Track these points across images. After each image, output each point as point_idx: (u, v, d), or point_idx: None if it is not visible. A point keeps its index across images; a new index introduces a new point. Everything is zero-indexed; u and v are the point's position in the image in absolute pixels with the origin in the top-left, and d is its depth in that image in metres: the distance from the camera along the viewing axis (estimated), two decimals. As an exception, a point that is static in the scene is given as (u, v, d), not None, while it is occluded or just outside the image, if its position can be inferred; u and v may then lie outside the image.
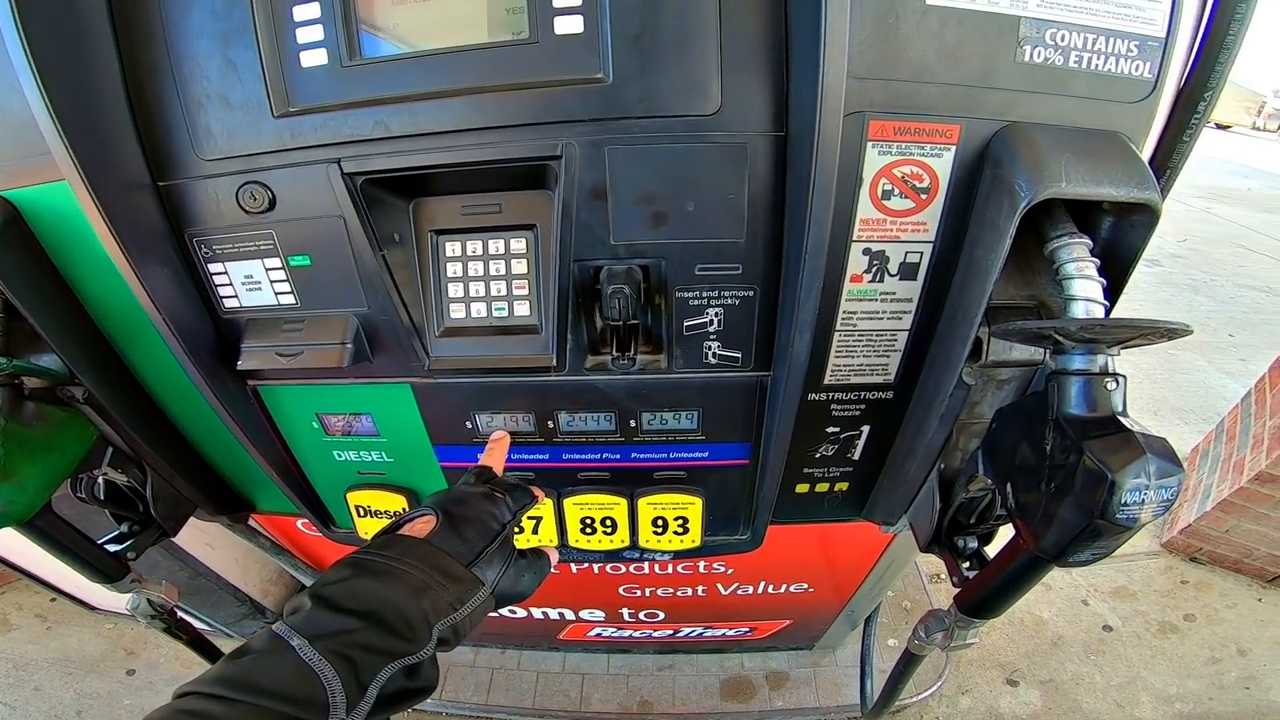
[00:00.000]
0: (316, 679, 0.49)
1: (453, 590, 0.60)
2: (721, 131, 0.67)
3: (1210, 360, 3.99)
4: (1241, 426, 2.41)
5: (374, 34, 0.66)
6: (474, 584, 0.62)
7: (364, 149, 0.69)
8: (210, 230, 0.76)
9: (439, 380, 0.84)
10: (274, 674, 0.49)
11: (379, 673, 0.52)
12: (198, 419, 0.96)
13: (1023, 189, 0.60)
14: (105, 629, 2.20)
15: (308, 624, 0.52)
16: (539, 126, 0.67)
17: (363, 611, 0.54)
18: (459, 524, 0.65)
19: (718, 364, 0.80)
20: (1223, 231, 6.80)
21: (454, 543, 0.63)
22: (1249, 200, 8.48)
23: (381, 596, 0.56)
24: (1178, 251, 5.99)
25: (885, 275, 0.73)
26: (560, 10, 0.63)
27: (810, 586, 1.49)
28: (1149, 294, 5.02)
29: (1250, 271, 5.64)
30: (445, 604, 0.59)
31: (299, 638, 0.51)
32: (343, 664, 0.50)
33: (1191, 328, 0.59)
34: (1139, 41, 0.62)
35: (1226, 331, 4.43)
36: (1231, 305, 4.93)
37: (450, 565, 0.61)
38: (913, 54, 0.62)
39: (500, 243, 0.76)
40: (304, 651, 0.50)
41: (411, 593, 0.57)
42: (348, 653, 0.51)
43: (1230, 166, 11.15)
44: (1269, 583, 2.38)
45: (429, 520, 0.65)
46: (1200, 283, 5.32)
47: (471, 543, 0.64)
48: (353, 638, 0.52)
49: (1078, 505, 0.59)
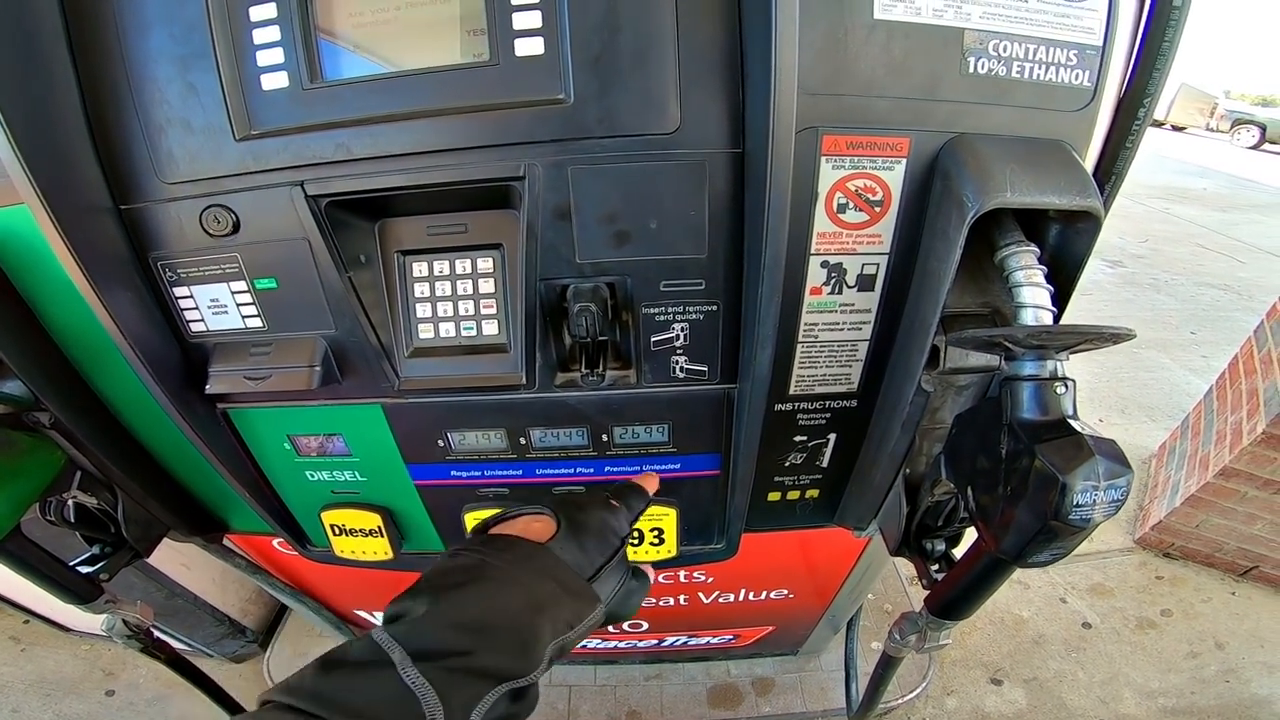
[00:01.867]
0: (417, 703, 0.44)
1: (571, 607, 0.55)
2: (681, 150, 0.67)
3: (1174, 358, 4.07)
4: (1205, 423, 2.46)
5: (336, 56, 0.66)
6: (592, 601, 0.57)
7: (327, 171, 0.68)
8: (174, 254, 0.74)
9: (409, 400, 0.83)
10: (369, 693, 0.44)
11: (485, 697, 0.47)
12: (168, 442, 0.94)
13: (970, 200, 0.61)
14: (82, 650, 2.14)
15: (414, 636, 0.47)
16: (501, 148, 0.67)
17: (477, 628, 0.49)
18: (580, 533, 0.60)
19: (685, 378, 0.81)
20: (1181, 231, 6.96)
21: (575, 553, 0.58)
22: (1205, 200, 8.70)
23: (497, 611, 0.51)
24: (1139, 252, 6.12)
25: (844, 287, 0.73)
26: (521, 32, 0.63)
27: (790, 593, 1.49)
28: (1113, 294, 5.11)
29: (1209, 270, 5.77)
30: (563, 622, 0.54)
31: (400, 651, 0.46)
32: (448, 687, 0.45)
33: (1134, 332, 0.60)
34: (1078, 50, 0.63)
35: (1188, 329, 4.52)
36: (1192, 303, 5.03)
37: (570, 579, 0.56)
38: (863, 68, 0.63)
39: (467, 262, 0.76)
40: (406, 671, 0.45)
41: (531, 609, 0.52)
42: (455, 676, 0.46)
43: (1186, 167, 11.44)
44: (1241, 576, 2.41)
45: (547, 523, 0.61)
46: (1162, 282, 5.42)
47: (591, 555, 0.60)
48: (461, 660, 0.47)
49: (1032, 507, 0.59)
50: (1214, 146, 15.16)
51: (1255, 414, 2.08)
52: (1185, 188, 9.47)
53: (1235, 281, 5.52)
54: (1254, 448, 2.04)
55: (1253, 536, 2.28)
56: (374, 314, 0.77)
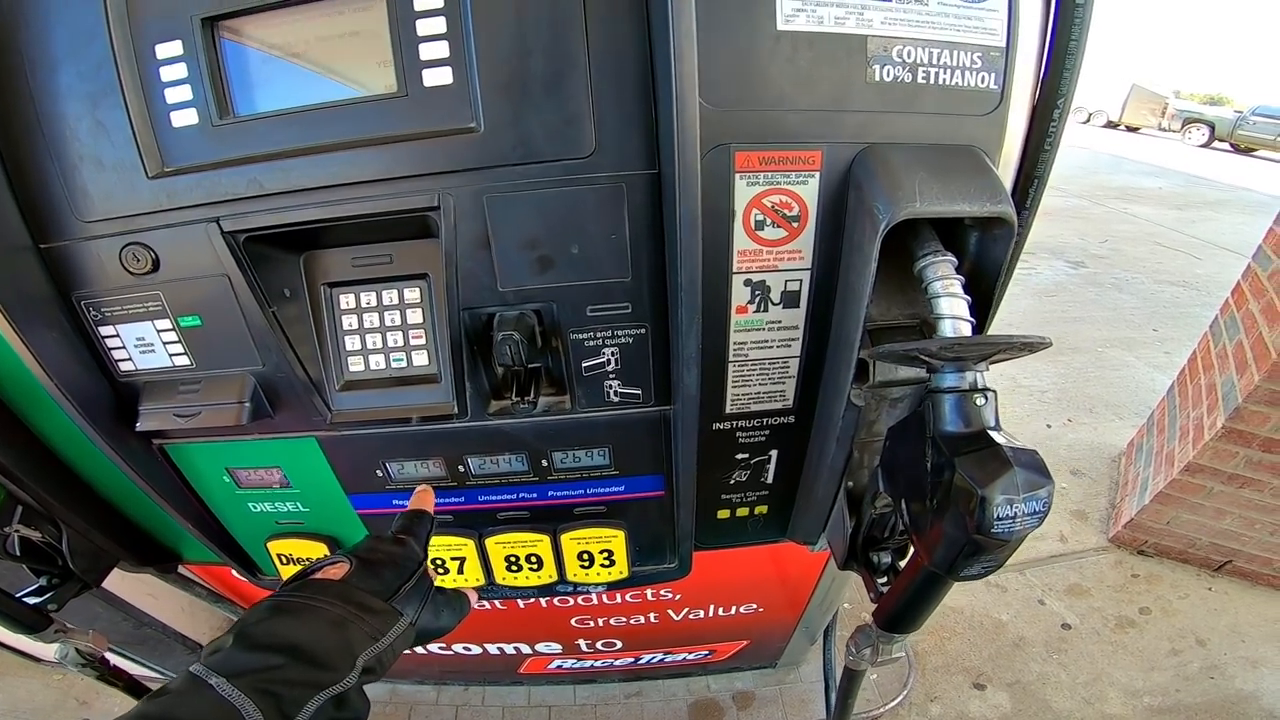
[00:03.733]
0: (237, 713, 0.46)
1: (372, 622, 0.58)
2: (598, 173, 0.65)
3: (1137, 355, 4.07)
4: (1169, 419, 2.44)
5: (248, 91, 0.64)
6: (392, 615, 0.61)
7: (241, 207, 0.66)
8: (97, 293, 0.72)
9: (344, 433, 0.80)
10: (193, 712, 0.46)
11: (305, 705, 0.50)
12: (109, 477, 0.91)
13: (881, 211, 0.59)
14: (54, 680, 2.06)
15: (227, 662, 0.50)
16: (414, 179, 0.65)
17: (283, 647, 0.52)
18: (374, 566, 0.63)
19: (620, 401, 0.78)
20: (1140, 230, 6.99)
21: (370, 582, 0.62)
22: (1161, 199, 8.75)
23: (301, 632, 0.54)
24: (1100, 252, 6.13)
25: (769, 305, 0.72)
26: (428, 63, 0.61)
27: (760, 606, 1.45)
28: (1076, 294, 5.09)
29: (1167, 268, 5.79)
30: (366, 635, 0.57)
31: (217, 676, 0.48)
32: (265, 699, 0.48)
33: (1050, 340, 0.58)
34: (981, 52, 0.62)
35: (1150, 326, 4.52)
36: (1152, 301, 5.03)
37: (368, 600, 0.60)
38: (770, 82, 0.61)
39: (394, 293, 0.74)
40: (223, 688, 0.47)
41: (331, 627, 0.55)
42: (270, 688, 0.49)
43: (1142, 167, 11.51)
44: (1216, 571, 2.37)
45: (342, 566, 0.63)
46: (1123, 281, 5.42)
47: (388, 581, 0.63)
48: (274, 674, 0.50)
49: (956, 521, 0.57)
50: (1167, 146, 15.17)
51: (1215, 409, 2.06)
52: (1142, 187, 9.52)
53: (1193, 278, 5.53)
54: (1215, 443, 2.02)
55: (1224, 531, 2.24)
56: (302, 348, 0.74)
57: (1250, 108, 15.38)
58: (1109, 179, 9.99)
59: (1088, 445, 3.06)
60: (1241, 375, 1.97)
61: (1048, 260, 5.80)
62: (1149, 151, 13.95)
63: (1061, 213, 7.41)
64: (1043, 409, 3.44)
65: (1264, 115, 14.86)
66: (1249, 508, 2.13)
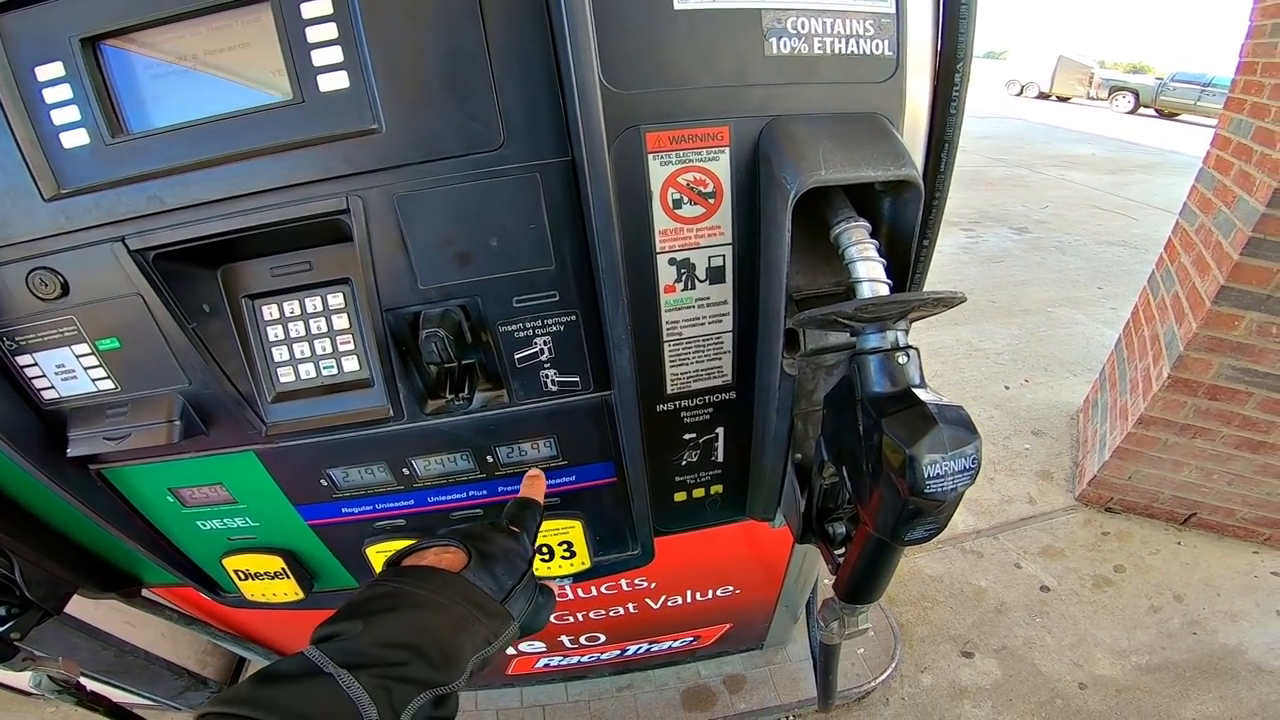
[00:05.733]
0: (356, 711, 0.46)
1: (489, 625, 0.59)
2: (509, 165, 0.63)
3: (1086, 314, 4.12)
4: (1119, 373, 2.47)
5: (140, 107, 0.61)
6: (506, 619, 0.61)
7: (145, 224, 0.63)
8: (9, 321, 0.68)
9: (281, 444, 0.77)
10: (308, 698, 0.47)
11: (412, 701, 0.50)
12: (51, 505, 0.87)
13: (789, 181, 0.57)
14: (48, 713, 1.98)
15: (351, 653, 0.50)
16: (320, 184, 0.62)
17: (409, 644, 0.52)
18: (489, 561, 0.63)
19: (559, 390, 0.76)
20: (1078, 195, 7.11)
21: (486, 579, 0.62)
22: (1095, 165, 8.94)
23: (427, 631, 0.54)
24: (1042, 218, 6.23)
25: (695, 282, 0.70)
26: (322, 68, 0.59)
27: (737, 588, 1.43)
28: (1023, 259, 5.15)
29: (1107, 229, 5.90)
30: (481, 639, 0.58)
31: (334, 665, 0.48)
32: (381, 694, 0.48)
33: (964, 295, 0.57)
34: (873, 19, 0.61)
35: (1095, 285, 4.59)
36: (1095, 260, 5.11)
37: (487, 602, 0.60)
38: (673, 61, 0.60)
39: (316, 300, 0.71)
40: (344, 679, 0.47)
41: (452, 627, 0.56)
42: (388, 684, 0.49)
43: (1076, 135, 11.73)
44: (1183, 524, 2.37)
45: (458, 555, 0.63)
46: (1066, 244, 5.50)
47: (501, 580, 0.63)
48: (396, 670, 0.50)
49: (889, 484, 0.56)
50: (1096, 114, 15.47)
51: (1160, 359, 2.08)
52: (1076, 154, 9.68)
53: (1131, 237, 5.63)
54: (1164, 393, 2.04)
55: (1184, 484, 2.24)
56: (229, 363, 0.71)
57: (1170, 74, 15.91)
58: (1045, 148, 10.16)
59: (1046, 404, 3.08)
60: (1181, 324, 1.99)
61: (993, 228, 5.88)
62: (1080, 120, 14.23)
63: (1003, 182, 7.55)
64: (1000, 371, 3.46)
65: (1182, 81, 15.40)
66: (1204, 458, 2.14)
